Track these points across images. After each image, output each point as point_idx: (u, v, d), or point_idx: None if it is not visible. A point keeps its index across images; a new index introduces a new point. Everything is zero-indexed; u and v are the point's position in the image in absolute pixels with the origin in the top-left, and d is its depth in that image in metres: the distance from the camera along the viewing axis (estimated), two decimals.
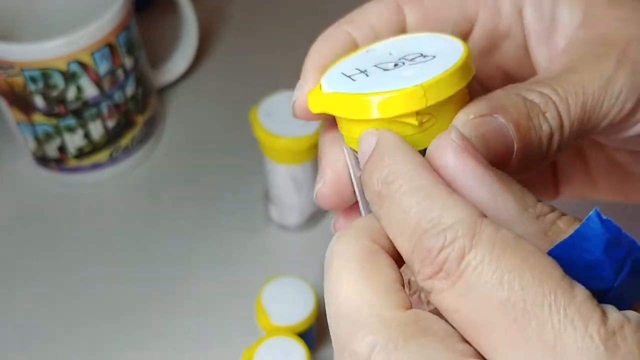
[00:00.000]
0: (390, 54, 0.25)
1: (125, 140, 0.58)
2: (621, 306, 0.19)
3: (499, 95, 0.24)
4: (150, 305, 0.52)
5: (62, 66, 0.51)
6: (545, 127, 0.24)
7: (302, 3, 0.74)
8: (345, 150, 0.26)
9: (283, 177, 0.52)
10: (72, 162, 0.57)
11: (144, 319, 0.51)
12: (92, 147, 0.57)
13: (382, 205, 0.21)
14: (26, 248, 0.56)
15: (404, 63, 0.24)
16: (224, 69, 0.68)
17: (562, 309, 0.18)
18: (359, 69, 0.25)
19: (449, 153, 0.21)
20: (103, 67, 0.53)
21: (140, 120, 0.58)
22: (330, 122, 0.28)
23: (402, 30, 0.28)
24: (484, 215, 0.20)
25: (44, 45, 0.50)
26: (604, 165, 0.33)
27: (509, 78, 0.30)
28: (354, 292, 0.21)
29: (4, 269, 0.54)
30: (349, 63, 0.26)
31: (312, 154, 0.50)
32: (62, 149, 0.56)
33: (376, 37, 0.28)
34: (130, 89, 0.56)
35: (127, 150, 0.59)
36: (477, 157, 0.21)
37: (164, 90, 0.65)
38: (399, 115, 0.22)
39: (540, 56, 0.29)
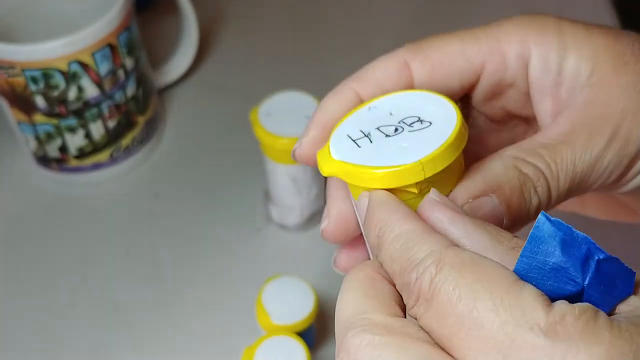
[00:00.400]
0: (391, 114, 0.28)
1: (126, 141, 0.58)
2: (602, 309, 0.20)
3: (496, 170, 0.27)
4: (150, 305, 0.52)
5: (63, 66, 0.51)
6: (534, 201, 0.27)
7: (302, 4, 0.74)
8: (352, 202, 0.29)
9: (283, 177, 0.52)
10: (73, 162, 0.57)
11: (144, 319, 0.51)
12: (93, 147, 0.57)
13: (379, 254, 0.24)
14: (27, 248, 0.56)
15: (403, 128, 0.27)
16: (224, 69, 0.68)
17: (508, 309, 0.20)
18: (362, 132, 0.28)
19: (430, 207, 0.25)
20: (104, 68, 0.53)
21: (141, 120, 0.59)
22: None
23: (409, 85, 0.30)
24: (453, 244, 0.23)
25: (44, 45, 0.50)
26: (593, 193, 0.34)
27: (513, 116, 0.32)
28: (353, 300, 0.23)
29: (4, 268, 0.54)
30: (353, 123, 0.28)
31: None
32: (63, 149, 0.56)
33: (382, 93, 0.30)
34: (130, 89, 0.56)
35: (128, 150, 0.59)
36: (451, 207, 0.24)
37: (164, 91, 0.65)
38: (400, 186, 0.26)
39: (543, 106, 0.30)
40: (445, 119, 0.27)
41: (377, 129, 0.27)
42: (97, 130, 0.56)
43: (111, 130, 0.57)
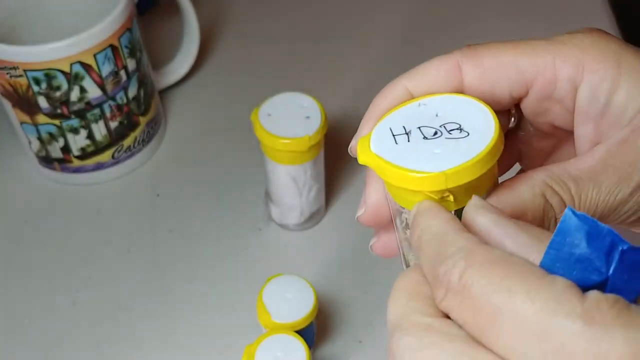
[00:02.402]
0: (437, 115, 0.29)
1: (127, 141, 0.58)
2: (625, 298, 0.21)
3: (524, 195, 0.28)
4: (152, 304, 0.52)
5: (66, 67, 0.52)
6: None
7: (302, 5, 0.74)
8: (385, 191, 0.31)
9: (283, 177, 0.52)
10: (75, 163, 0.58)
11: (146, 318, 0.51)
12: (95, 148, 0.57)
13: (419, 256, 0.26)
14: (29, 247, 0.56)
15: (442, 133, 0.28)
16: (225, 70, 0.68)
17: (543, 299, 0.21)
18: (404, 128, 0.29)
19: (473, 211, 0.26)
20: (106, 69, 0.54)
21: (142, 121, 0.59)
22: None
23: (460, 87, 0.30)
24: (484, 243, 0.23)
25: (47, 47, 0.51)
26: None
27: (558, 129, 0.33)
28: (397, 304, 0.25)
29: (6, 268, 0.55)
30: (399, 117, 0.30)
31: (313, 154, 0.51)
32: (65, 149, 0.57)
33: (433, 92, 0.30)
34: (132, 90, 0.57)
35: (130, 151, 0.59)
36: (493, 210, 0.26)
37: (166, 92, 0.66)
38: (424, 191, 0.27)
39: (583, 131, 0.31)
40: (483, 132, 0.28)
41: (419, 128, 0.29)
42: (99, 130, 0.56)
43: (113, 131, 0.57)
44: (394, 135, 0.29)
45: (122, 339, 0.50)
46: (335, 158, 0.59)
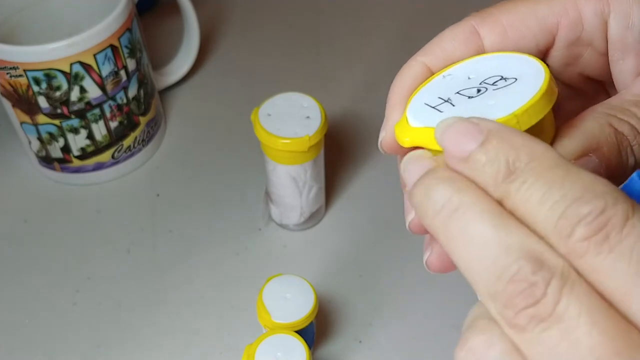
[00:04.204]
0: (469, 78, 0.26)
1: (127, 141, 0.58)
2: None
3: (592, 129, 0.25)
4: (152, 304, 0.52)
5: (66, 68, 0.52)
6: (631, 161, 0.26)
7: (302, 6, 0.75)
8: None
9: (283, 177, 0.52)
10: (75, 163, 0.58)
11: (146, 317, 0.51)
12: (95, 148, 0.57)
13: (525, 180, 0.21)
14: (29, 247, 0.56)
15: (486, 89, 0.25)
16: (225, 70, 0.68)
17: None
18: (441, 98, 0.25)
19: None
20: (106, 69, 0.54)
21: (142, 121, 0.59)
22: None
23: (480, 52, 0.28)
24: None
25: (47, 47, 0.51)
26: None
27: (589, 80, 0.31)
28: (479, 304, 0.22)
29: (6, 267, 0.55)
30: (429, 91, 0.26)
31: (313, 154, 0.51)
32: (65, 149, 0.57)
33: (453, 63, 0.28)
34: (132, 91, 0.57)
35: (130, 151, 0.59)
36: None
37: (166, 92, 0.66)
38: None
39: (624, 65, 0.29)
40: (530, 72, 0.25)
41: (457, 93, 0.25)
42: (99, 130, 0.56)
43: (113, 131, 0.57)
44: (433, 107, 0.25)
45: (122, 339, 0.50)
46: (335, 158, 0.59)
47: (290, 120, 0.50)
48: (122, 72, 0.55)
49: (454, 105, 0.25)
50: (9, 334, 0.51)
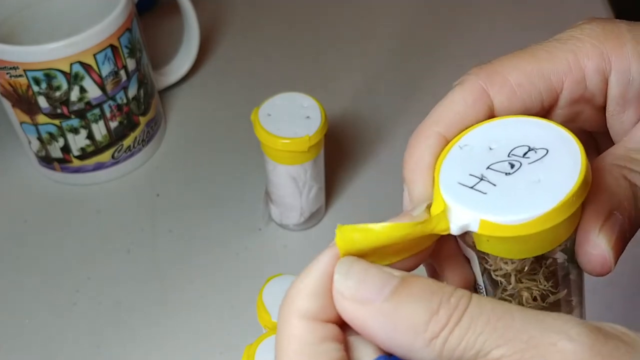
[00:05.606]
0: (491, 148, 0.25)
1: (127, 141, 0.58)
2: None
3: (611, 186, 0.26)
4: (152, 304, 0.52)
5: (65, 68, 0.52)
6: None
7: (302, 6, 0.74)
8: (475, 254, 0.27)
9: (284, 177, 0.52)
10: (75, 163, 0.58)
11: (146, 318, 0.51)
12: (95, 148, 0.57)
13: None
14: (29, 247, 0.56)
15: (520, 163, 0.24)
16: (225, 70, 0.68)
17: None
18: (474, 175, 0.25)
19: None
20: (105, 69, 0.54)
21: (142, 121, 0.59)
22: None
23: (491, 113, 0.28)
24: None
25: (47, 47, 0.51)
26: None
27: (584, 135, 0.31)
28: None
29: (7, 267, 0.55)
30: (455, 168, 0.25)
31: (313, 154, 0.51)
32: (65, 149, 0.57)
33: (466, 127, 0.28)
34: (132, 90, 0.57)
35: (130, 151, 0.59)
36: None
37: (166, 92, 0.66)
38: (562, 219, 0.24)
39: (624, 118, 0.29)
40: (557, 141, 0.25)
41: (489, 168, 0.25)
42: (99, 130, 0.56)
43: (113, 131, 0.57)
44: (472, 188, 0.24)
45: (122, 339, 0.50)
46: (335, 158, 0.59)
47: (290, 120, 0.50)
48: (122, 72, 0.55)
49: (495, 185, 0.24)
50: (9, 334, 0.51)
